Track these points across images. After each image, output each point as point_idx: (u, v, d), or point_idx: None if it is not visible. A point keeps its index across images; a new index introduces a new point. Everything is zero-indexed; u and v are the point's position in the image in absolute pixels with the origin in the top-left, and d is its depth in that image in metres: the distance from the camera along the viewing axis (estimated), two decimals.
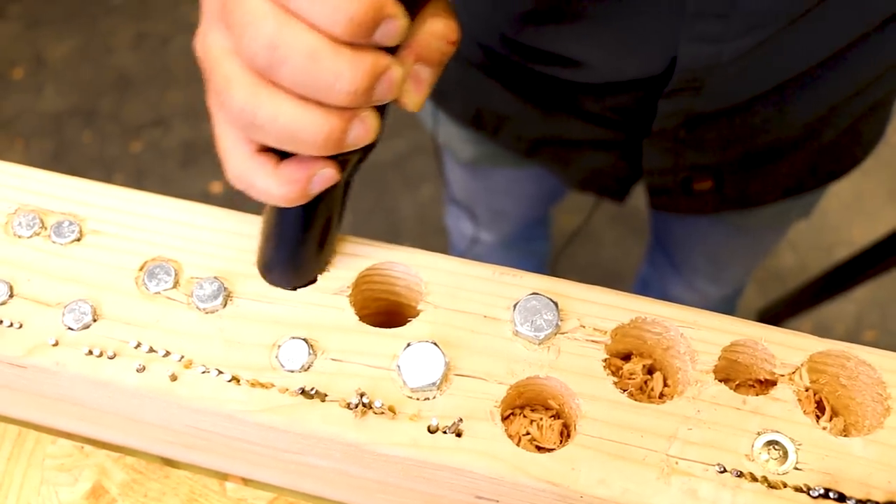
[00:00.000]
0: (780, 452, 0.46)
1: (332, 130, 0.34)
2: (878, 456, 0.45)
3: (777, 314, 1.56)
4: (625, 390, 0.50)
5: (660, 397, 0.51)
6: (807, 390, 0.49)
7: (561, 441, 0.45)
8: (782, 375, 0.48)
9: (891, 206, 1.06)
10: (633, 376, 0.51)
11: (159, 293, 0.50)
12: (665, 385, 0.51)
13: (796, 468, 0.45)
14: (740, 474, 0.45)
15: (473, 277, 0.47)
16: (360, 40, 0.32)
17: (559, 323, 0.48)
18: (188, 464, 0.58)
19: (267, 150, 0.37)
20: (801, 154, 0.86)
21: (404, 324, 0.49)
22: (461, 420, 0.46)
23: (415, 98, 0.37)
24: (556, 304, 0.48)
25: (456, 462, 0.45)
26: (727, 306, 1.33)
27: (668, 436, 0.46)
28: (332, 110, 0.34)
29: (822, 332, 0.44)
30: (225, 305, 0.49)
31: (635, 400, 0.48)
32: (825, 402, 0.51)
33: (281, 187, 0.37)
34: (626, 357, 0.53)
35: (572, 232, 1.52)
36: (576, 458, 0.45)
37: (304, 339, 0.48)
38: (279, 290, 0.49)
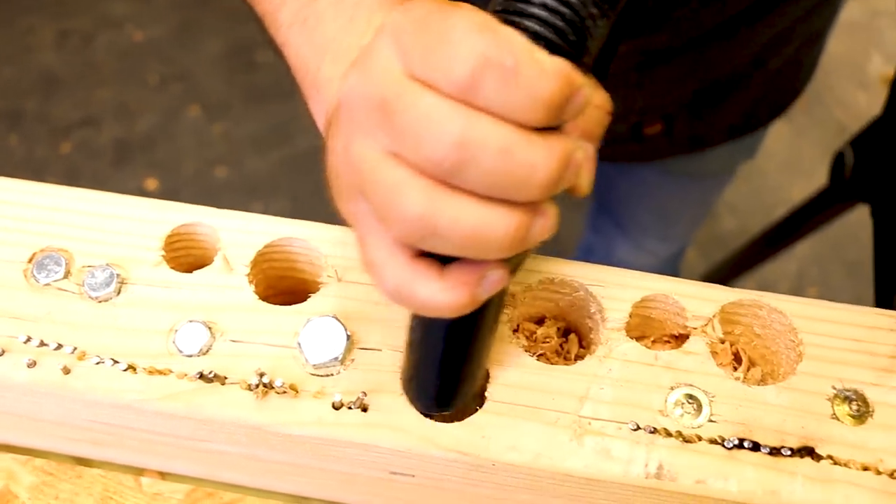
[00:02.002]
0: (695, 406, 0.45)
1: (519, 229, 0.31)
2: (792, 402, 0.45)
3: (721, 277, 1.57)
4: (540, 354, 0.50)
5: (577, 359, 0.50)
6: (722, 342, 0.49)
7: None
8: (695, 328, 0.48)
9: (826, 163, 1.08)
10: (548, 340, 0.51)
11: (49, 284, 0.48)
12: (581, 346, 0.51)
13: (711, 420, 0.45)
14: (654, 430, 0.44)
15: None
16: (554, 123, 0.29)
17: None
18: (102, 461, 0.56)
19: (425, 254, 0.33)
20: (748, 89, 0.86)
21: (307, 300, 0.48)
22: (365, 394, 0.45)
23: (587, 179, 0.34)
24: None
25: (362, 438, 0.44)
26: (672, 267, 1.33)
27: (579, 396, 0.45)
28: (518, 207, 0.31)
29: (766, 290, 0.44)
30: (119, 293, 0.48)
31: (552, 363, 0.48)
32: (742, 354, 0.50)
33: (447, 294, 0.33)
34: (541, 321, 0.52)
35: None
36: (486, 426, 0.44)
37: (203, 322, 0.47)
38: (175, 273, 0.48)
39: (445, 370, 0.41)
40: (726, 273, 1.54)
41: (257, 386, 0.43)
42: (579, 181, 0.33)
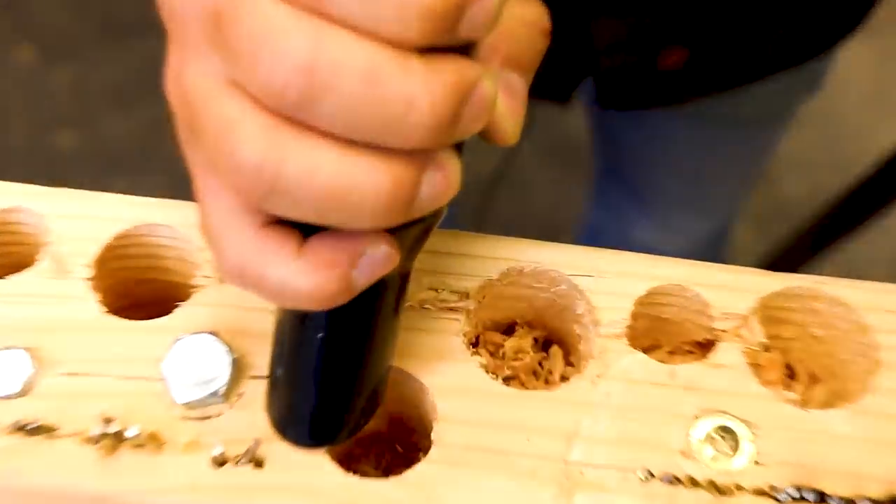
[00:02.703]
0: (731, 442, 0.41)
1: (397, 186, 0.29)
2: (868, 431, 0.40)
3: (787, 259, 1.45)
4: (510, 377, 0.45)
5: (562, 381, 0.45)
6: (767, 350, 0.44)
7: (417, 457, 0.41)
8: (724, 331, 0.43)
9: None
10: (521, 356, 0.46)
11: None
12: (568, 364, 0.46)
13: (756, 462, 0.40)
14: (675, 480, 0.40)
15: None
16: (440, 41, 0.28)
17: None
18: None
19: (281, 223, 0.32)
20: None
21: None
22: (259, 443, 0.40)
23: (511, 123, 0.34)
24: None
25: None
26: (713, 252, 1.26)
27: (566, 434, 0.40)
28: (396, 156, 0.29)
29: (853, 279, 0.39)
30: None
31: (527, 388, 0.44)
32: (796, 366, 0.46)
33: (308, 278, 0.31)
34: (510, 329, 0.47)
35: (491, 178, 1.41)
36: (434, 481, 0.39)
37: (23, 349, 0.41)
38: None
39: (325, 389, 0.38)
40: (794, 257, 1.44)
41: (102, 438, 0.40)
42: (496, 123, 0.33)
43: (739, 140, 1.01)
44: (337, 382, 0.38)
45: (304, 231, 0.31)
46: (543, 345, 0.47)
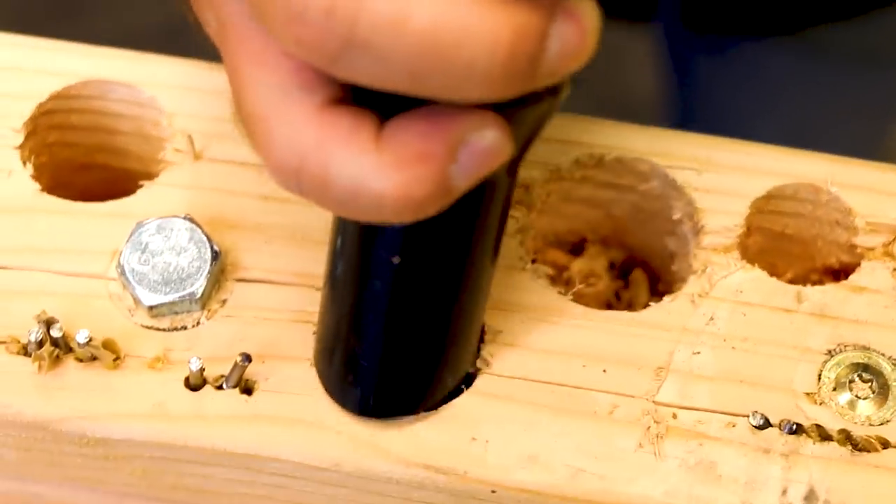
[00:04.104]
0: (874, 385, 0.42)
1: (522, 37, 0.28)
2: None
3: None
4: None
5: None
6: None
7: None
8: (871, 249, 0.44)
9: None
10: (592, 281, 0.48)
11: None
12: (654, 294, 0.48)
13: None
14: (798, 429, 0.41)
15: None
16: None
17: None
18: None
19: (349, 104, 0.31)
20: None
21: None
22: (248, 360, 0.40)
23: None
24: None
25: (245, 443, 0.40)
26: None
27: (655, 367, 0.42)
28: None
29: None
30: None
31: None
32: None
33: (394, 175, 0.30)
34: (578, 247, 0.49)
35: None
36: (478, 419, 0.41)
37: None
38: None
39: (401, 340, 0.38)
40: None
41: (40, 346, 0.40)
42: None
43: (863, 83, 1.03)
44: (415, 333, 0.38)
45: (382, 113, 0.31)
46: (622, 271, 0.49)
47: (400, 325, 0.37)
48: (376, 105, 0.30)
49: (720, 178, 0.45)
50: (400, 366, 0.39)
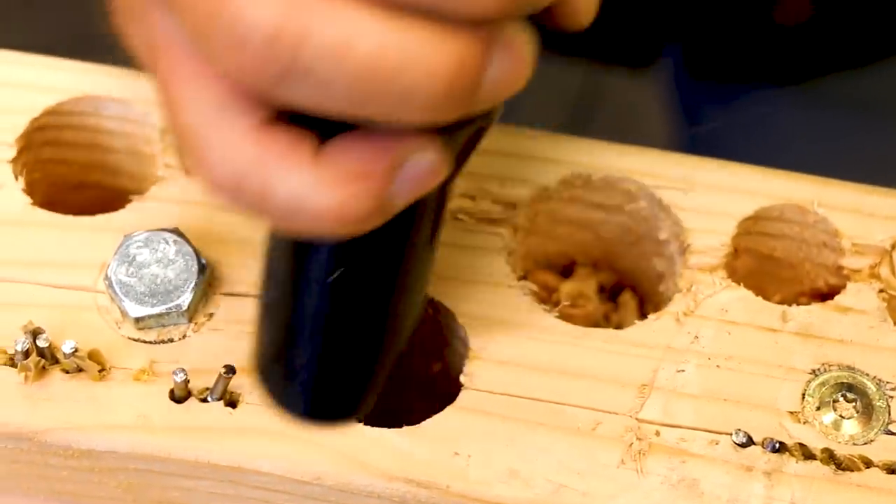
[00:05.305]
0: (858, 405, 0.42)
1: (462, 66, 0.29)
2: None
3: None
4: None
5: None
6: None
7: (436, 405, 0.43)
8: (857, 271, 0.45)
9: None
10: (581, 302, 0.48)
11: None
12: (641, 317, 0.47)
13: (889, 431, 0.41)
14: (780, 448, 0.41)
15: None
16: None
17: None
18: None
19: (288, 121, 0.32)
20: None
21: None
22: (232, 372, 0.41)
23: None
24: None
25: (229, 455, 0.41)
26: None
27: (638, 384, 0.42)
28: (458, 28, 0.29)
29: None
30: None
31: None
32: None
33: (333, 192, 0.31)
34: (568, 269, 0.49)
35: None
36: (461, 434, 0.41)
37: None
38: None
39: (335, 348, 0.38)
40: None
41: (27, 356, 0.40)
42: None
43: (862, 130, 1.04)
44: (351, 340, 0.38)
45: (322, 133, 0.31)
46: (611, 294, 0.49)
47: (336, 331, 0.37)
48: (315, 125, 0.31)
49: (707, 198, 0.45)
50: (337, 370, 0.39)
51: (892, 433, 0.41)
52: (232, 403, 0.41)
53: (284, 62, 0.28)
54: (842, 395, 0.42)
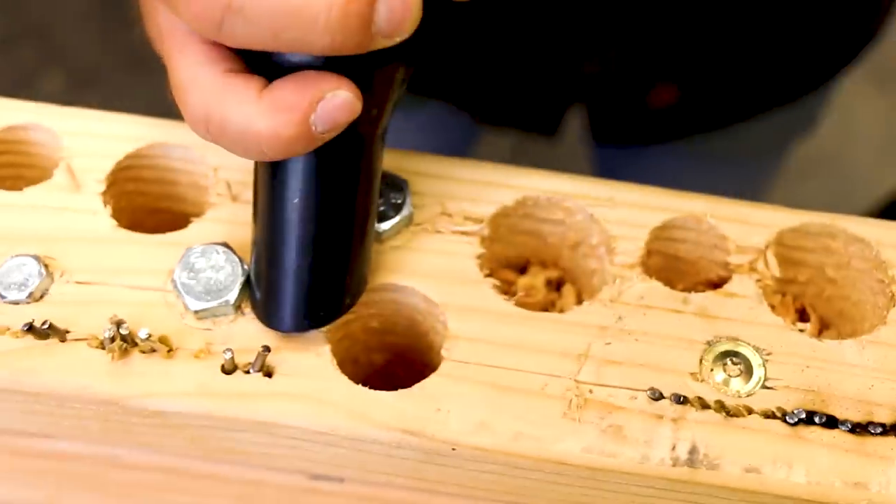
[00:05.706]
0: (742, 367, 0.46)
1: (346, 2, 0.34)
2: (881, 361, 0.45)
3: None
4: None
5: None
6: (783, 295, 0.51)
7: (425, 373, 0.45)
8: (740, 265, 0.50)
9: None
10: (532, 292, 0.53)
11: None
12: (578, 303, 0.52)
13: (765, 386, 0.45)
14: (684, 400, 0.44)
15: None
16: None
17: (411, 210, 0.49)
18: None
19: (243, 71, 0.37)
20: (797, 30, 0.85)
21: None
22: (268, 350, 0.45)
23: None
24: (404, 183, 0.50)
25: (266, 413, 0.44)
26: None
27: (577, 354, 0.46)
28: None
29: None
30: None
31: None
32: (810, 310, 0.53)
33: (268, 119, 0.36)
34: (524, 269, 0.54)
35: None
36: (442, 395, 0.44)
37: (35, 257, 0.47)
38: None
39: (301, 257, 0.43)
40: None
41: (112, 341, 0.44)
42: None
43: (735, 177, 1.09)
44: (314, 251, 0.43)
45: (269, 78, 0.37)
46: (557, 287, 0.53)
47: (310, 245, 0.43)
48: (264, 72, 0.37)
49: (626, 212, 0.50)
50: (312, 278, 0.45)
51: (768, 388, 0.45)
52: (269, 374, 0.45)
53: (222, 5, 0.34)
54: (729, 360, 0.46)
